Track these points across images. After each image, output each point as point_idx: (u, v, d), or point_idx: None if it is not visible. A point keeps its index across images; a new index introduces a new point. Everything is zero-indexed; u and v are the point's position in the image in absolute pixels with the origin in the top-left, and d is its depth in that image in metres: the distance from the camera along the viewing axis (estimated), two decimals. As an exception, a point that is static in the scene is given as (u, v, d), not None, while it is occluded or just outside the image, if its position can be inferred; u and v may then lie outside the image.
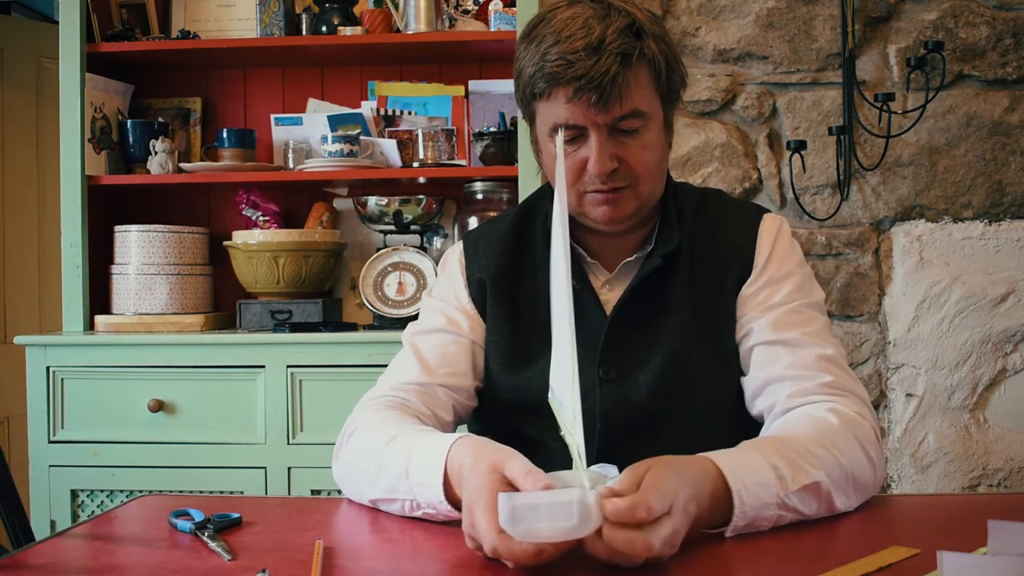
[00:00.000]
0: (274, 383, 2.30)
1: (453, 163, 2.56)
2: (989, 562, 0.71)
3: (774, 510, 0.98)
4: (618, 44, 1.14)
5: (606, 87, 1.14)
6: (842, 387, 1.18)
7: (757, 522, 0.97)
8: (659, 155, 1.24)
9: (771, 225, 1.32)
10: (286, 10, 2.58)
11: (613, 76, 1.14)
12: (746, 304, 1.27)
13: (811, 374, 1.19)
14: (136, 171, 2.60)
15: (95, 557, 0.98)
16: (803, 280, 1.29)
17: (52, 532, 1.79)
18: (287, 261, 2.46)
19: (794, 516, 1.00)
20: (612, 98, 1.15)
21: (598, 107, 1.15)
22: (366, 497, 1.14)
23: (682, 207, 1.33)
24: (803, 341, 1.21)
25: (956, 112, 2.57)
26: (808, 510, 1.01)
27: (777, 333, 1.22)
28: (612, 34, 1.14)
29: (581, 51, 1.14)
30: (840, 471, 1.04)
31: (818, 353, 1.20)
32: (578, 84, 1.14)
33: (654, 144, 1.22)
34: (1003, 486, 2.52)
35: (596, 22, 1.15)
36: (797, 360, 1.20)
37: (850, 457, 1.07)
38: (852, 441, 1.09)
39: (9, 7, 3.58)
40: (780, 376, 1.20)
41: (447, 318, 1.33)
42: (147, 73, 2.77)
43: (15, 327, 3.16)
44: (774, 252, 1.29)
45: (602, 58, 1.13)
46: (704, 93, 2.61)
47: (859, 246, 2.58)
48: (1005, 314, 2.53)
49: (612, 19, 1.16)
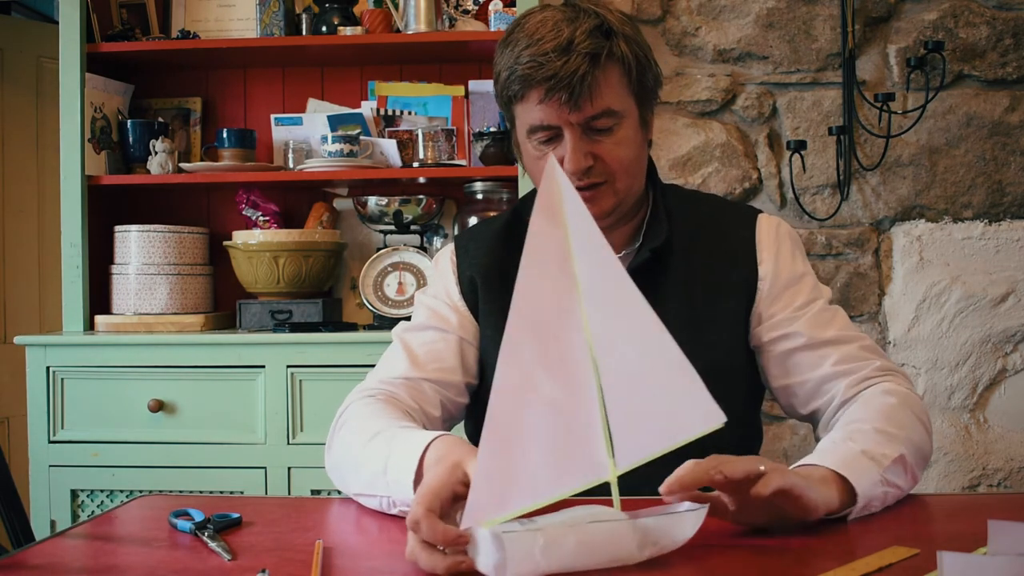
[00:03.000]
0: (274, 383, 2.30)
1: (453, 163, 2.56)
2: (989, 562, 0.71)
3: (881, 487, 1.04)
4: (587, 44, 1.18)
5: (576, 86, 1.18)
6: (889, 368, 1.27)
7: (871, 503, 1.03)
8: (635, 152, 1.27)
9: (769, 225, 1.35)
10: (286, 10, 2.58)
11: (582, 75, 1.17)
12: (771, 306, 1.30)
13: (860, 364, 1.26)
14: (136, 171, 2.60)
15: (95, 557, 0.98)
16: (814, 277, 1.35)
17: (52, 532, 1.79)
18: (287, 261, 2.46)
19: (895, 492, 1.07)
20: (583, 97, 1.19)
21: (570, 106, 1.19)
22: (351, 490, 1.15)
23: (672, 205, 1.36)
24: (841, 337, 1.28)
25: (956, 112, 2.57)
26: (903, 483, 1.09)
27: (815, 334, 1.28)
28: (581, 35, 1.18)
29: (551, 52, 1.18)
30: (912, 445, 1.12)
31: (859, 345, 1.28)
32: (548, 84, 1.19)
33: (628, 141, 1.25)
34: (1003, 486, 2.52)
35: (566, 24, 1.20)
36: (843, 355, 1.26)
37: (915, 431, 1.15)
38: (912, 417, 1.17)
39: (9, 7, 3.58)
40: (833, 374, 1.26)
41: (437, 315, 1.35)
42: (147, 73, 2.77)
43: (15, 327, 3.16)
44: (781, 254, 1.32)
45: (571, 58, 1.17)
46: (704, 93, 2.61)
47: (859, 246, 2.58)
48: (1005, 314, 2.53)
49: (581, 21, 1.20)
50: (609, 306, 0.86)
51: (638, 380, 0.86)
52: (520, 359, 0.82)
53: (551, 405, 0.83)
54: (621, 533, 0.84)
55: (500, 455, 0.81)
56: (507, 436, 0.81)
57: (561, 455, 0.83)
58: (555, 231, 0.85)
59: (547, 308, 0.85)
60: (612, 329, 0.86)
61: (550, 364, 0.84)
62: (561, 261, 0.85)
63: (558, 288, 0.85)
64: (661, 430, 0.86)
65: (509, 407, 0.82)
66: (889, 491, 1.05)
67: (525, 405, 0.82)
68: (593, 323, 0.85)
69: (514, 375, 0.82)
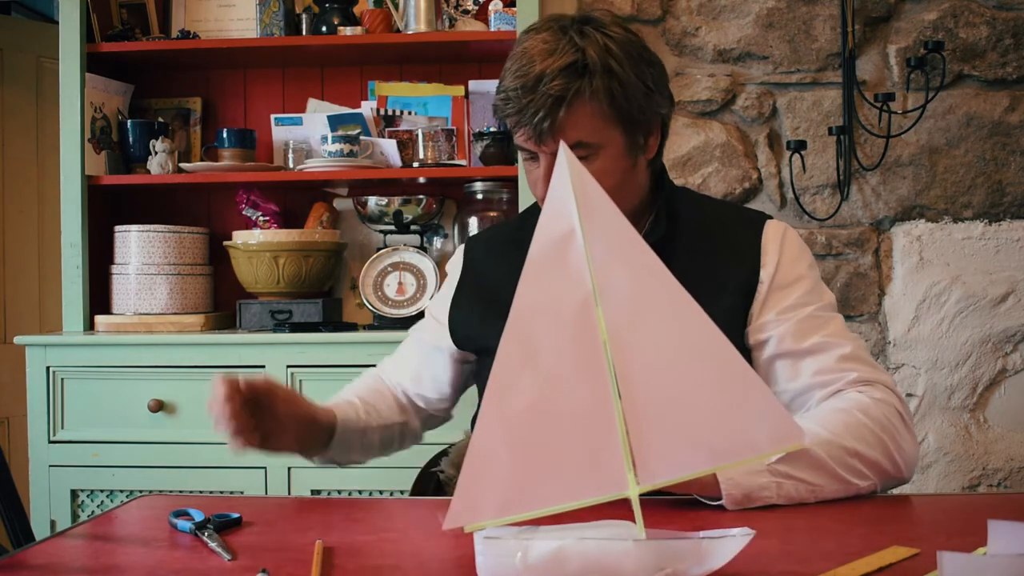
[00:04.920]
0: (274, 383, 2.30)
1: (453, 163, 2.56)
2: (989, 562, 0.71)
3: (766, 476, 1.02)
4: (553, 86, 1.18)
5: (537, 125, 1.19)
6: (867, 379, 1.22)
7: (754, 492, 1.02)
8: (616, 179, 1.25)
9: (776, 229, 1.35)
10: (286, 10, 2.58)
11: (543, 116, 1.18)
12: (760, 308, 1.29)
13: (836, 376, 1.23)
14: (136, 171, 2.60)
15: (95, 557, 0.98)
16: (814, 283, 1.32)
17: (52, 532, 1.79)
18: (287, 261, 2.46)
19: (801, 485, 1.05)
20: (544, 135, 1.20)
21: (535, 141, 1.22)
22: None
23: (679, 206, 1.36)
24: (823, 345, 1.25)
25: (956, 112, 2.57)
26: (812, 478, 1.06)
27: (797, 343, 1.25)
28: (551, 72, 1.18)
29: (519, 89, 1.20)
30: (836, 445, 1.08)
31: (838, 354, 1.24)
32: (514, 120, 1.22)
33: (607, 170, 1.23)
34: (1003, 486, 2.52)
35: (541, 58, 1.19)
36: (821, 367, 1.24)
37: (853, 433, 1.11)
38: (858, 421, 1.13)
39: (9, 7, 3.58)
40: (808, 386, 1.24)
41: (427, 323, 1.49)
42: (147, 73, 2.77)
43: (15, 327, 3.16)
44: (784, 256, 1.31)
45: (536, 98, 1.18)
46: (704, 93, 2.61)
47: (859, 246, 2.58)
48: (1005, 314, 2.53)
49: (559, 55, 1.18)
50: (636, 302, 0.77)
51: (677, 389, 0.77)
52: (515, 363, 0.78)
53: (553, 411, 0.78)
54: (628, 555, 0.76)
55: (484, 461, 0.78)
56: (494, 443, 0.78)
57: (566, 465, 0.77)
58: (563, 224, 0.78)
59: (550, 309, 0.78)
60: (640, 331, 0.77)
61: (551, 368, 0.78)
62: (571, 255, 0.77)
63: (566, 286, 0.78)
64: (709, 446, 0.77)
65: (502, 411, 0.78)
66: (784, 483, 1.04)
67: (521, 410, 0.78)
68: (614, 324, 0.77)
69: (507, 378, 0.78)
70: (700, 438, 0.77)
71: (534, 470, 0.78)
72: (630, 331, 0.77)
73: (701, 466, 0.78)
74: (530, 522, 0.80)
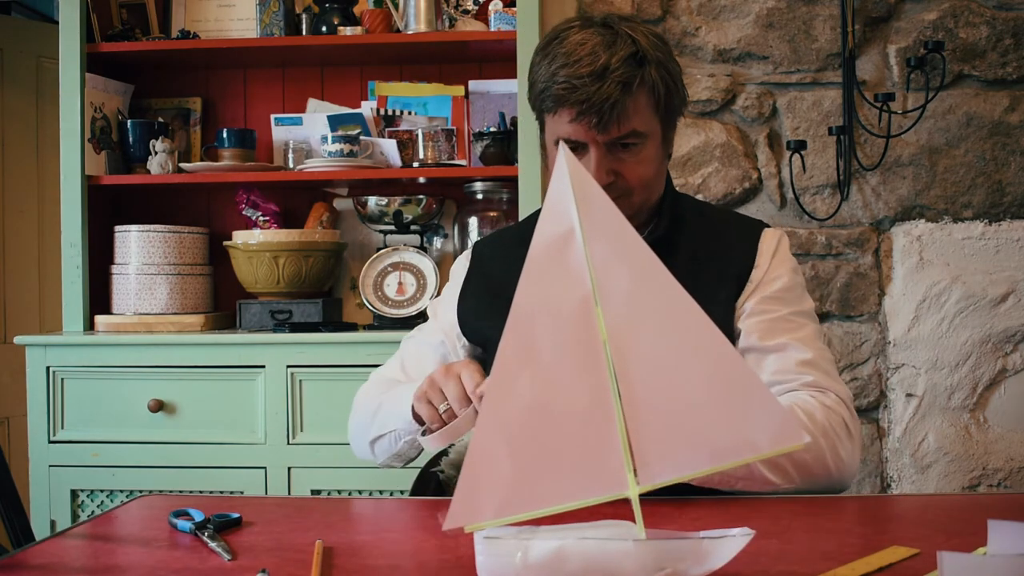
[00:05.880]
0: (274, 383, 2.30)
1: (453, 163, 2.56)
2: (989, 562, 0.71)
3: None
4: (621, 73, 1.23)
5: (606, 112, 1.23)
6: (821, 386, 1.26)
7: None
8: (654, 169, 1.33)
9: (772, 236, 1.40)
10: (286, 10, 2.58)
11: (613, 102, 1.23)
12: (742, 305, 1.34)
13: (792, 377, 1.27)
14: (136, 171, 2.60)
15: (95, 557, 0.98)
16: (795, 288, 1.36)
17: (52, 532, 1.79)
18: (287, 261, 2.46)
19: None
20: (611, 121, 1.24)
21: (598, 128, 1.25)
22: (371, 436, 1.34)
23: (681, 210, 1.41)
24: (786, 346, 1.29)
25: (956, 112, 2.57)
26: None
27: (763, 340, 1.30)
28: (616, 62, 1.23)
29: (586, 77, 1.23)
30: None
31: (799, 358, 1.28)
32: (580, 108, 1.24)
33: (650, 159, 1.31)
34: (1003, 486, 2.52)
35: (603, 49, 1.24)
36: (780, 367, 1.28)
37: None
38: (795, 414, 1.17)
39: (9, 7, 3.58)
40: (767, 383, 1.25)
41: (434, 324, 1.49)
42: (147, 73, 2.77)
43: (15, 327, 3.16)
44: (773, 261, 1.37)
45: (604, 85, 1.23)
46: (704, 93, 2.61)
47: (859, 246, 2.58)
48: (1005, 314, 2.53)
49: (618, 47, 1.24)
50: (636, 303, 0.77)
51: (677, 389, 0.77)
52: (515, 363, 0.78)
53: (552, 411, 0.77)
54: (628, 555, 0.76)
55: (484, 461, 0.77)
56: (496, 441, 0.77)
57: (566, 465, 0.77)
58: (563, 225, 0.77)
59: (549, 309, 0.78)
60: (640, 331, 0.77)
61: (551, 368, 0.77)
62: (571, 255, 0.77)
63: (566, 286, 0.77)
64: (709, 446, 0.77)
65: (502, 411, 0.78)
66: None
67: (521, 410, 0.77)
68: (614, 324, 0.76)
69: (507, 378, 0.78)
70: (700, 438, 0.77)
71: (534, 470, 0.78)
72: (630, 331, 0.77)
73: (701, 466, 0.77)
74: (530, 522, 0.80)
